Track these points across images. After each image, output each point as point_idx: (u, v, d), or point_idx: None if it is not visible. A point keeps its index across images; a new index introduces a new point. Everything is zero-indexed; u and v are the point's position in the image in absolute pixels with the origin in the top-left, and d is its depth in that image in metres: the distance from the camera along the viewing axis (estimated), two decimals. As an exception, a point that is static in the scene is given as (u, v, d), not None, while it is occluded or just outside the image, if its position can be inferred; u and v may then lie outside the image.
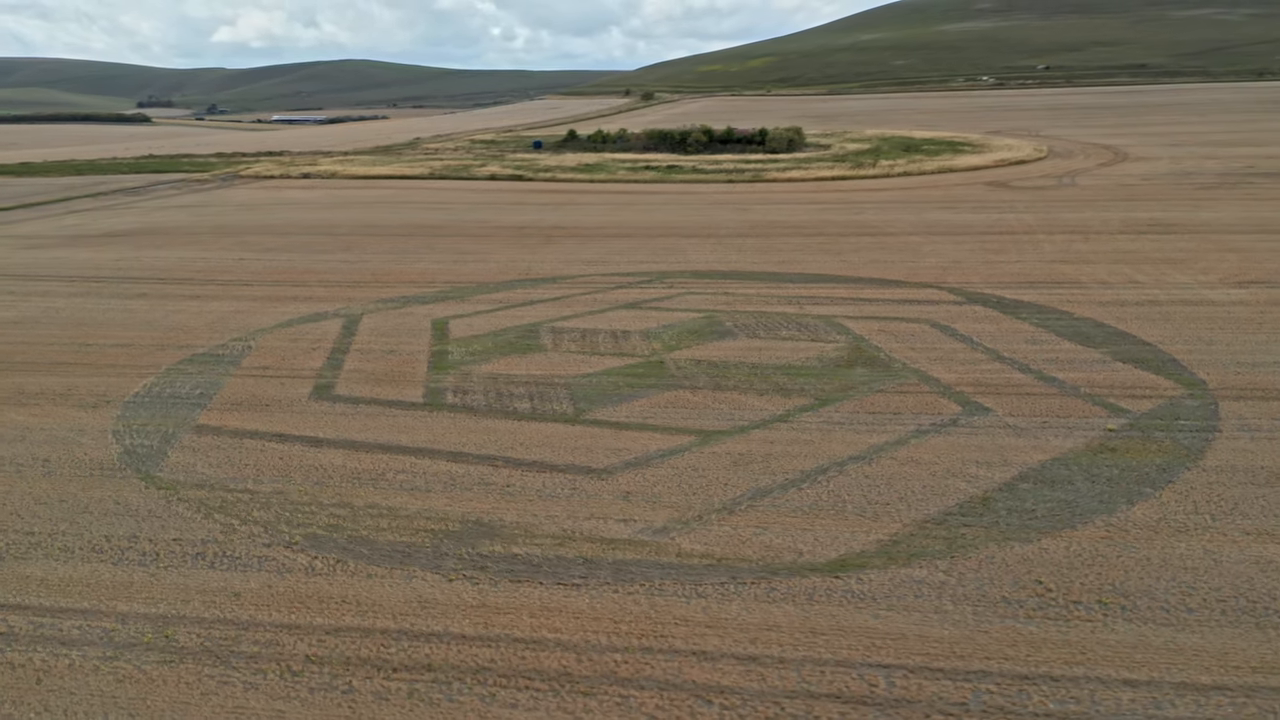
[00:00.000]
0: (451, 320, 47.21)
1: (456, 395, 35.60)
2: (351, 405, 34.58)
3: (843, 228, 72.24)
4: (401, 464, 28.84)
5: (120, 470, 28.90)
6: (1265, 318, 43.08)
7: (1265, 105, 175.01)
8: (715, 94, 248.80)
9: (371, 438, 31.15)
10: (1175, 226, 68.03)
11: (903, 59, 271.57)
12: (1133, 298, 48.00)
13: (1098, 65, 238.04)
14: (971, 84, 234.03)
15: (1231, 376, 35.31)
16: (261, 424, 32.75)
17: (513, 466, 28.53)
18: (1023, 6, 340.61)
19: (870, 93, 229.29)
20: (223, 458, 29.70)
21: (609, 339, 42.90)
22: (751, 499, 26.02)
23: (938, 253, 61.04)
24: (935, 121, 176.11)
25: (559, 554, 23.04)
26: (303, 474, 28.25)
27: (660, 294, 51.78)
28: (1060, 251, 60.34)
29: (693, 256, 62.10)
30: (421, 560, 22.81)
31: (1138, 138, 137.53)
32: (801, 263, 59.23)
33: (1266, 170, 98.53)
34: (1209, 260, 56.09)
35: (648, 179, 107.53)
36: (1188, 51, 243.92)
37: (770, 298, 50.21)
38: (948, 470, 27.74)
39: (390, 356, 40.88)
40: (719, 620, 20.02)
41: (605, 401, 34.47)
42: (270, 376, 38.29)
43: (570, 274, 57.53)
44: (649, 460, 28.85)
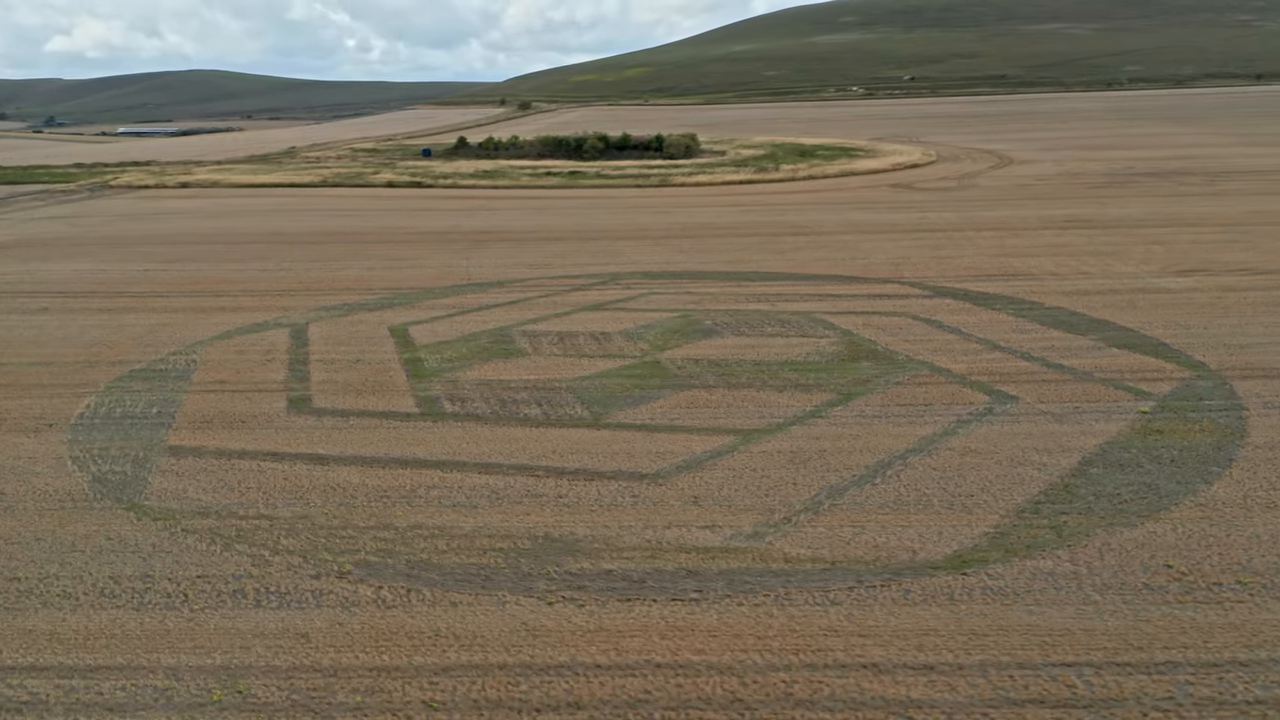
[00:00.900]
0: (410, 326, 43.98)
1: (454, 403, 32.71)
2: (339, 418, 31.25)
3: (773, 228, 71.79)
4: (429, 479, 25.94)
5: (97, 501, 24.94)
6: (1225, 303, 44.33)
7: (1119, 113, 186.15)
8: (592, 103, 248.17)
9: (381, 452, 28.04)
10: (1091, 221, 70.34)
11: (774, 70, 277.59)
12: (1090, 287, 48.80)
13: (959, 76, 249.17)
14: (843, 94, 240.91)
15: (1227, 358, 35.83)
16: (245, 442, 29.12)
17: (556, 476, 26.04)
18: (884, 20, 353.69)
19: (747, 102, 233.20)
20: (215, 481, 26.07)
21: (590, 341, 40.63)
22: (830, 498, 24.38)
23: (879, 250, 61.10)
24: (815, 129, 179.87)
25: (656, 567, 20.79)
26: (320, 495, 25.00)
27: (621, 295, 49.75)
28: (996, 247, 61.29)
29: (635, 258, 60.30)
30: (506, 583, 20.16)
31: (1012, 143, 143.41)
32: (750, 262, 58.22)
33: (1144, 170, 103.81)
34: (1139, 252, 57.88)
35: (553, 184, 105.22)
36: (1040, 64, 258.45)
37: (737, 296, 48.89)
38: (1012, 459, 26.80)
39: (359, 366, 37.49)
40: (870, 628, 18.24)
41: (619, 404, 32.27)
42: (232, 391, 34.42)
43: (516, 278, 54.87)
44: (699, 463, 26.88)
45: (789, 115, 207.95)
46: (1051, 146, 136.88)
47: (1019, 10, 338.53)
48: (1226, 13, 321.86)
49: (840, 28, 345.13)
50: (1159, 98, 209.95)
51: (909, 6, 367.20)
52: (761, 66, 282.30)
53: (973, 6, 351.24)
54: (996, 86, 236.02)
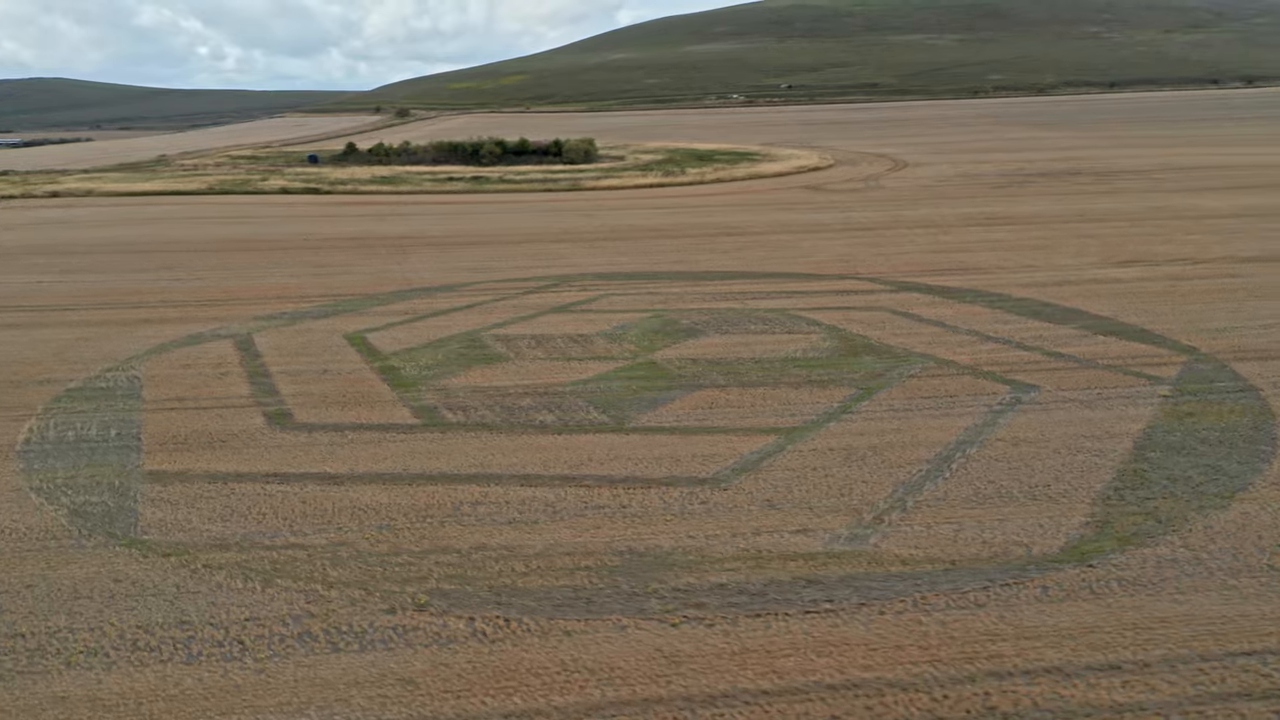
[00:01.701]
0: (367, 334, 40.83)
1: (454, 412, 30.09)
2: (333, 433, 28.23)
3: (704, 229, 70.86)
4: (467, 494, 23.42)
5: (85, 537, 21.45)
6: (1180, 291, 45.54)
7: (991, 118, 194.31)
8: (472, 111, 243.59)
9: (398, 467, 25.29)
10: (1012, 218, 72.09)
11: (655, 78, 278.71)
12: (1043, 279, 49.48)
13: (834, 84, 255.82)
14: (724, 101, 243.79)
15: (1212, 342, 36.47)
16: (235, 463, 25.84)
17: (607, 485, 23.93)
18: (757, 30, 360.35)
19: (630, 109, 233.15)
20: (219, 508, 22.87)
21: (571, 343, 38.49)
22: (908, 495, 23.13)
23: (821, 248, 60.87)
24: (704, 135, 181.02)
25: (770, 577, 19.02)
26: (350, 518, 22.17)
27: (580, 297, 47.69)
28: (933, 243, 61.89)
29: (577, 260, 58.26)
30: (614, 605, 18.02)
31: (900, 147, 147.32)
32: (696, 262, 56.98)
33: (1035, 172, 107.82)
34: (1072, 245, 59.33)
35: (459, 189, 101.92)
36: (909, 73, 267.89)
37: (701, 295, 47.53)
38: (1067, 447, 26.19)
39: (328, 376, 34.32)
40: (1031, 630, 16.98)
41: (634, 407, 30.33)
42: (195, 408, 30.83)
43: (461, 282, 52.07)
44: (752, 464, 25.24)
45: (674, 122, 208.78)
46: (938, 150, 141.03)
47: (885, 22, 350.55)
48: (1076, 26, 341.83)
49: (714, 37, 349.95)
50: (1024, 104, 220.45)
51: (780, 18, 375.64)
52: (642, 75, 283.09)
53: (841, 18, 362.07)
54: (870, 94, 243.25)
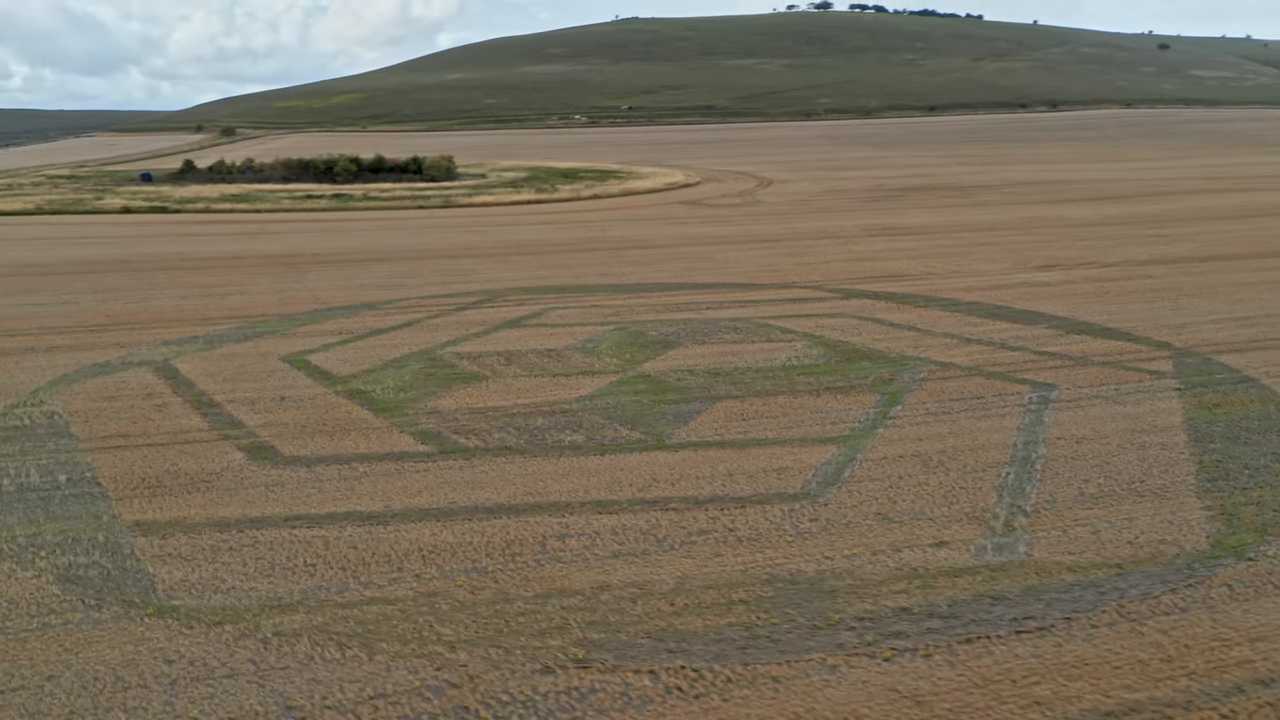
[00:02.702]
0: (308, 356, 36.63)
1: (466, 437, 26.83)
2: (338, 466, 24.47)
3: (607, 243, 68.89)
4: (545, 527, 20.47)
5: (96, 608, 17.19)
6: (1115, 291, 47.09)
7: (830, 139, 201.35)
8: (304, 130, 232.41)
9: (444, 501, 22.00)
10: (908, 229, 73.77)
11: (494, 98, 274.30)
12: (977, 284, 50.21)
13: (672, 106, 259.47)
14: (566, 122, 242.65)
15: (1180, 337, 37.48)
16: (237, 506, 21.79)
17: (695, 507, 21.50)
18: (592, 53, 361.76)
19: (472, 129, 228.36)
20: (252, 561, 18.98)
21: (546, 359, 35.68)
22: (1017, 499, 21.93)
23: (741, 259, 60.09)
24: (556, 154, 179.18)
25: (950, 597, 17.16)
26: (423, 562, 18.82)
27: (523, 311, 44.77)
28: (847, 253, 62.22)
29: (493, 275, 55.09)
30: (806, 642, 15.68)
31: (755, 165, 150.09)
32: (620, 275, 54.96)
33: (896, 187, 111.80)
34: (981, 252, 60.93)
35: (323, 207, 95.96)
36: (744, 95, 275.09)
37: (649, 306, 45.54)
38: (1129, 442, 25.72)
39: (291, 404, 30.22)
40: (1254, 631, 15.89)
41: (662, 422, 28.00)
42: (148, 445, 26.25)
43: (381, 300, 48.05)
44: (832, 475, 23.45)
45: (520, 142, 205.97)
46: (793, 168, 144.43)
47: (717, 46, 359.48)
48: (894, 53, 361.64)
49: (550, 59, 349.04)
50: (855, 126, 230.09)
51: (613, 40, 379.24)
52: (481, 95, 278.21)
53: (673, 42, 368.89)
54: (708, 116, 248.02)
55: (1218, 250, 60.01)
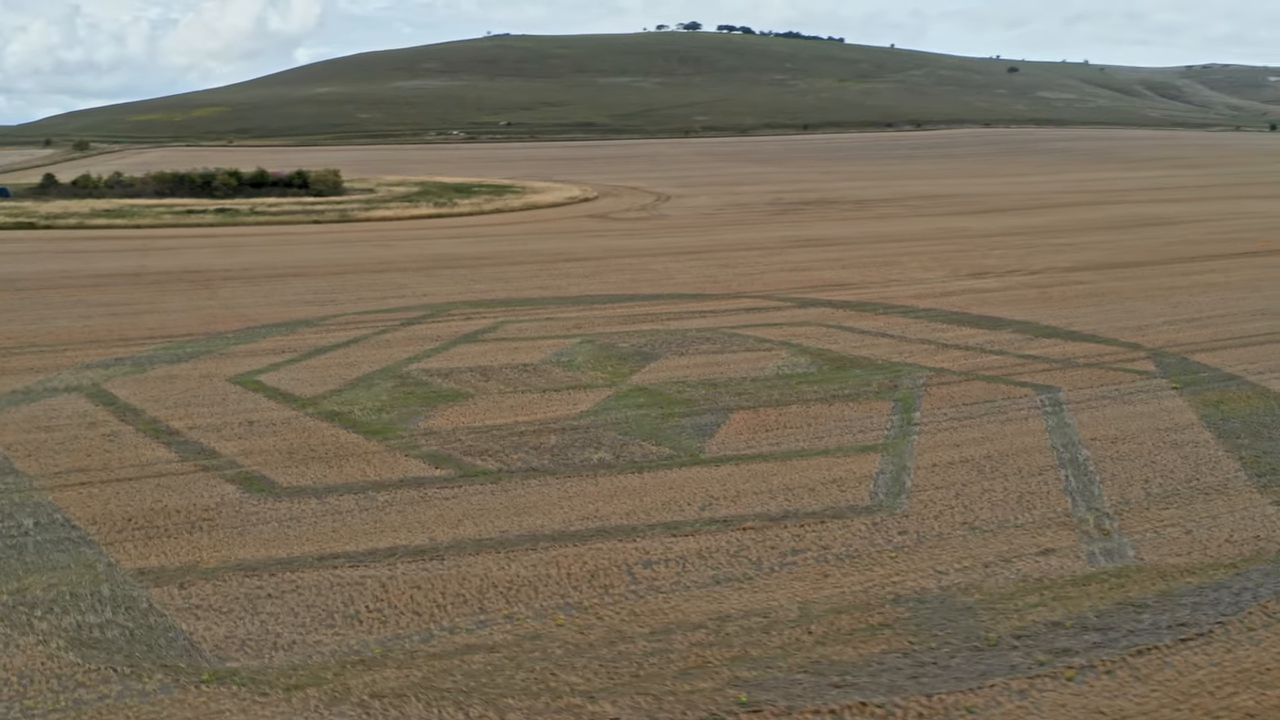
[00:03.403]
0: (257, 376, 33.49)
1: (483, 458, 24.66)
2: (354, 496, 21.95)
3: (532, 256, 66.82)
4: (621, 553, 18.65)
5: (130, 677, 14.42)
6: (1061, 296, 48.16)
7: (712, 156, 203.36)
8: (166, 144, 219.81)
9: (493, 531, 19.88)
10: (830, 240, 74.47)
11: (367, 113, 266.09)
12: (923, 291, 50.58)
13: (551, 122, 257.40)
14: (445, 138, 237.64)
15: (1145, 338, 38.32)
16: (257, 547, 19.10)
17: (771, 524, 20.10)
18: (466, 68, 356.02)
19: (347, 144, 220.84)
20: (304, 609, 16.48)
21: (524, 374, 33.67)
22: (1088, 501, 21.33)
23: (679, 270, 59.15)
24: (440, 169, 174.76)
25: (1091, 606, 16.24)
26: (508, 600, 16.72)
27: (477, 325, 42.49)
28: (781, 263, 62.07)
29: (426, 289, 52.43)
30: (977, 666, 14.42)
31: (645, 180, 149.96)
32: (561, 288, 53.12)
33: (795, 201, 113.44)
34: (911, 261, 61.74)
35: (210, 222, 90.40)
36: (621, 113, 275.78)
37: (608, 318, 43.94)
38: (1159, 441, 25.73)
39: (262, 429, 27.33)
40: None
41: (684, 436, 26.49)
42: (117, 480, 23.03)
43: (313, 316, 44.88)
44: (895, 485, 22.45)
45: (400, 157, 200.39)
46: (684, 183, 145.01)
47: (591, 64, 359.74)
48: (765, 73, 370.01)
49: (423, 73, 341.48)
50: (734, 143, 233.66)
51: (487, 56, 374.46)
52: (353, 109, 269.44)
53: (547, 59, 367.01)
54: (588, 133, 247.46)
55: (1126, 258, 62.41)
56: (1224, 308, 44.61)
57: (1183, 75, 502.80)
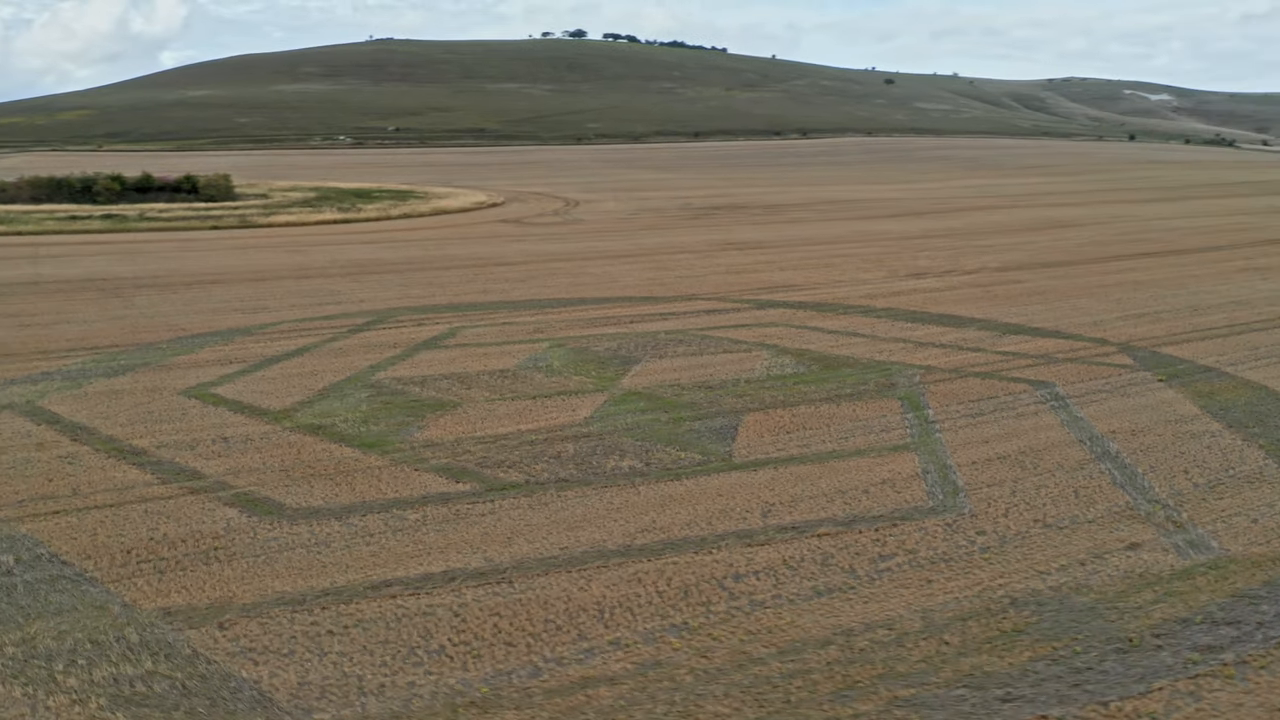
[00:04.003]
0: (213, 388, 30.79)
1: (504, 470, 22.98)
2: (379, 516, 20.02)
3: (460, 261, 64.69)
4: (705, 568, 17.38)
5: None
6: (1006, 294, 48.99)
7: (605, 163, 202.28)
8: (30, 149, 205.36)
9: (553, 549, 18.32)
10: (751, 244, 74.45)
11: (247, 117, 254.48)
12: (871, 291, 50.77)
13: (442, 128, 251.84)
14: (331, 143, 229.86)
15: (1107, 333, 39.12)
16: (295, 578, 17.05)
17: (845, 530, 19.15)
18: (348, 72, 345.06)
19: (227, 149, 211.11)
20: (379, 647, 14.64)
21: (507, 380, 32.04)
22: (1140, 494, 21.09)
23: (616, 274, 58.00)
24: (333, 175, 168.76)
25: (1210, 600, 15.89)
26: (609, 624, 15.23)
27: (435, 332, 40.48)
28: (716, 266, 61.61)
29: (365, 296, 49.85)
30: (1143, 669, 13.68)
31: (550, 186, 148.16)
32: (505, 291, 51.41)
33: (704, 205, 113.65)
34: (847, 263, 62.16)
35: (98, 229, 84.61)
36: (512, 119, 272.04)
37: (569, 322, 42.51)
38: (1177, 432, 25.95)
39: (240, 447, 24.96)
40: None
41: (705, 439, 25.45)
42: (95, 508, 20.47)
43: (254, 324, 42.04)
44: (946, 485, 21.86)
45: (287, 162, 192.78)
46: (588, 189, 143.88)
47: (478, 70, 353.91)
48: (653, 81, 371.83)
49: (304, 77, 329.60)
50: (628, 150, 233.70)
51: (370, 60, 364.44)
52: (232, 113, 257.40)
53: (434, 64, 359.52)
54: (479, 139, 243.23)
55: (1047, 258, 64.23)
56: (1162, 304, 46.03)
57: (1045, 88, 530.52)
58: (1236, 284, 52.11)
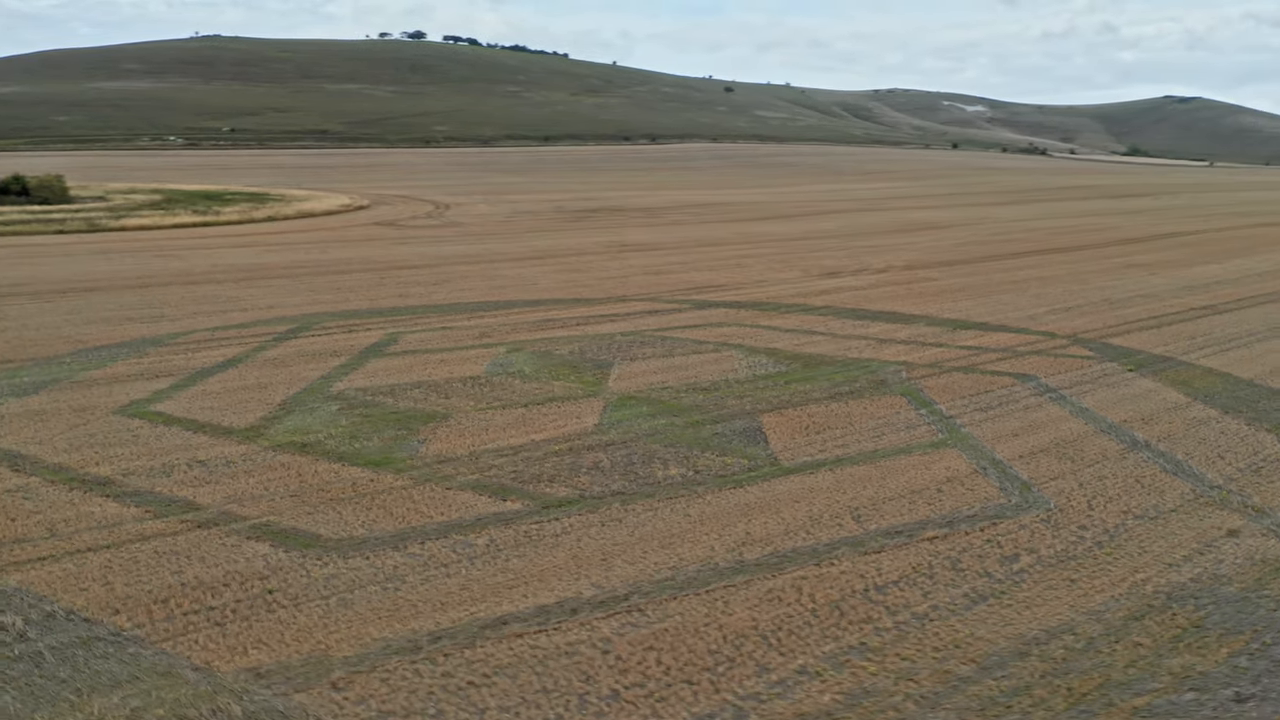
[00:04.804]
0: (152, 405, 27.45)
1: (543, 485, 21.07)
2: (441, 542, 17.91)
3: (361, 264, 61.12)
4: (839, 582, 16.17)
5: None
6: (930, 289, 50.03)
7: (458, 166, 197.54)
8: None
9: (662, 569, 16.64)
10: (648, 246, 73.83)
11: (64, 115, 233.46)
12: (801, 290, 50.90)
13: (281, 129, 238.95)
14: (161, 143, 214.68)
15: (1048, 327, 40.35)
16: (382, 623, 14.83)
17: (952, 533, 18.36)
18: (175, 70, 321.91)
19: (43, 150, 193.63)
20: (539, 696, 12.72)
21: (481, 387, 30.02)
22: (1201, 482, 21.23)
23: (533, 277, 56.12)
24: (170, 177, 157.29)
25: (1355, 589, 15.70)
26: (777, 650, 13.80)
27: (374, 339, 37.78)
28: (630, 267, 60.63)
29: (274, 301, 46.16)
30: None
31: (406, 189, 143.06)
32: (429, 295, 48.73)
33: (579, 209, 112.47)
34: (758, 263, 62.33)
35: (-84, 235, 75.76)
36: (356, 120, 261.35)
37: (512, 326, 40.54)
38: (1184, 418, 26.71)
39: (222, 471, 22.15)
40: None
41: (738, 443, 24.42)
42: (88, 550, 17.49)
43: (164, 334, 38.17)
44: (1014, 482, 21.40)
45: (117, 164, 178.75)
46: (450, 192, 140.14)
47: (316, 70, 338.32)
48: (498, 85, 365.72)
49: (124, 75, 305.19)
50: (480, 154, 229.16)
51: (198, 58, 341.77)
52: (47, 111, 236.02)
53: (268, 63, 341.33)
54: (322, 140, 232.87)
55: (942, 257, 66.34)
56: (1078, 298, 47.94)
57: (871, 98, 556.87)
58: (1131, 279, 55.02)
